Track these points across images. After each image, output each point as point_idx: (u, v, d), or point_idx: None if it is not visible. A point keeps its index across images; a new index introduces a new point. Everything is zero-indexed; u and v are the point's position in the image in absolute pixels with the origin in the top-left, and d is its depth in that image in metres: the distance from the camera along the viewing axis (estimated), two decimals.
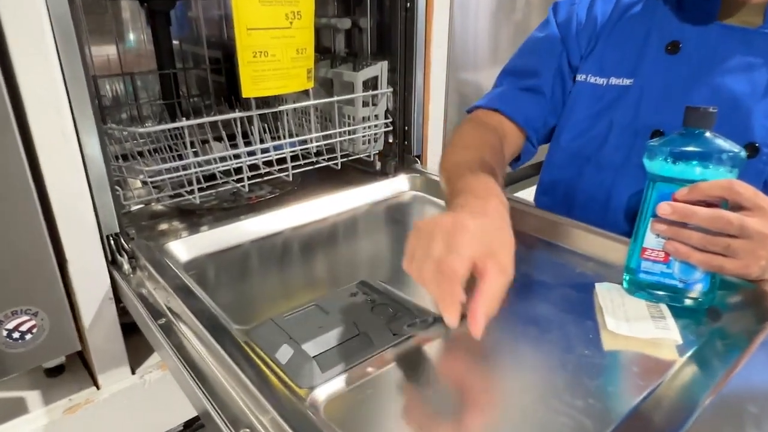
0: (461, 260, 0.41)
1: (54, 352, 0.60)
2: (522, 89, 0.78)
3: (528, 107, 0.77)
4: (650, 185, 0.53)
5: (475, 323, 0.40)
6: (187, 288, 0.55)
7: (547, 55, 0.77)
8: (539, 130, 0.78)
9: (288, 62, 0.72)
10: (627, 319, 0.53)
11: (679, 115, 0.51)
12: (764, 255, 0.49)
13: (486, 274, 0.42)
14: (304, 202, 0.83)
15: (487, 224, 0.46)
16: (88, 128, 0.58)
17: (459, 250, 0.41)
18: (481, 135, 0.74)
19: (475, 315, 0.41)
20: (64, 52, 0.55)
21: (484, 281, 0.42)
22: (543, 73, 0.77)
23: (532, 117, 0.77)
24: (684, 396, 0.42)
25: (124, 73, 1.08)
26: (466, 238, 0.42)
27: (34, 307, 0.56)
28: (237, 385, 0.43)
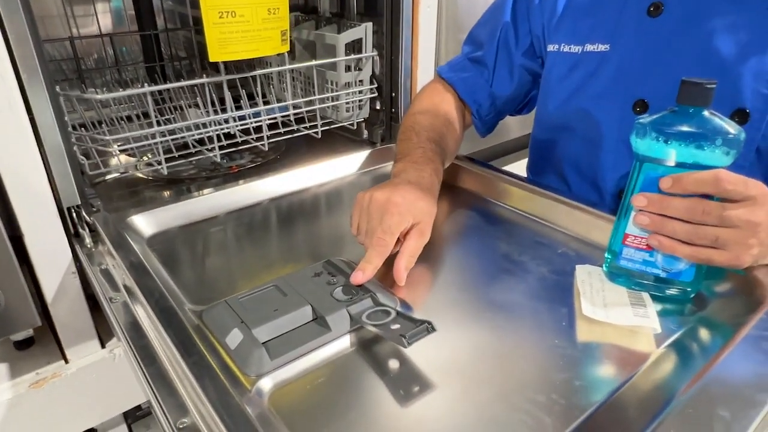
0: (390, 235, 0.53)
1: (13, 327, 0.59)
2: (471, 60, 0.79)
3: (472, 79, 0.77)
4: (637, 166, 0.49)
5: (398, 275, 0.53)
6: (141, 265, 0.53)
7: (492, 29, 0.76)
8: (483, 103, 0.77)
9: (258, 23, 0.67)
10: (605, 305, 0.49)
11: (664, 83, 0.47)
12: (755, 243, 0.45)
13: (407, 237, 0.55)
14: (286, 171, 0.80)
15: (414, 197, 0.57)
16: (38, 95, 0.55)
17: (389, 227, 0.53)
18: (436, 102, 0.76)
19: (397, 269, 0.53)
20: (6, 14, 0.51)
21: (406, 241, 0.55)
22: (487, 46, 0.76)
23: (475, 90, 0.78)
24: (656, 390, 0.39)
25: (102, 35, 1.03)
26: (395, 218, 0.54)
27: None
28: (181, 372, 0.41)
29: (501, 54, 0.76)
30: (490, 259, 0.59)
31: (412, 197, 0.57)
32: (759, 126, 0.54)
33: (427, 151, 0.67)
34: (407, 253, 0.54)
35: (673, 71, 0.57)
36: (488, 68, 0.77)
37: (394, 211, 0.54)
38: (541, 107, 0.72)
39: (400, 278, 0.53)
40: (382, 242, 0.52)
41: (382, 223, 0.53)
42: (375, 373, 0.43)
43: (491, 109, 0.79)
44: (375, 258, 0.52)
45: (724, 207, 0.44)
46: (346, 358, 0.45)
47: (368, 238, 0.55)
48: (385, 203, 0.55)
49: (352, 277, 0.50)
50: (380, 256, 0.52)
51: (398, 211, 0.54)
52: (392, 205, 0.54)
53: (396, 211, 0.54)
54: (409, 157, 0.66)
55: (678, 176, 0.46)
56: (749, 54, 0.54)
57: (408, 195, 0.57)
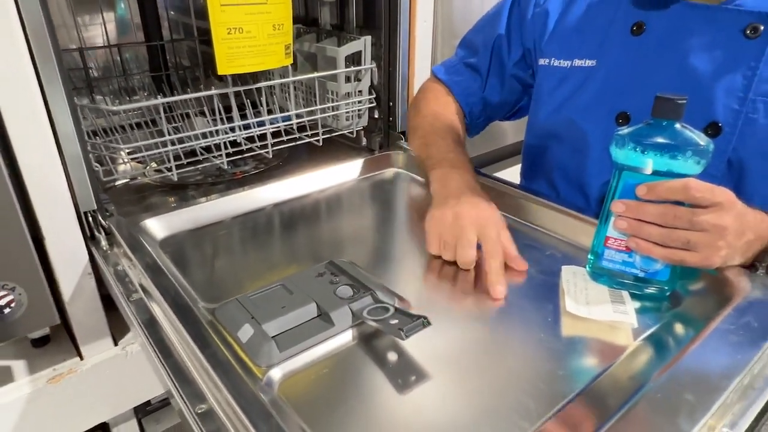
0: (499, 243, 0.59)
1: (33, 325, 0.62)
2: (465, 65, 0.83)
3: (465, 83, 0.82)
4: (616, 174, 0.53)
5: (495, 293, 0.55)
6: (156, 266, 0.57)
7: (486, 38, 0.80)
8: (475, 106, 0.82)
9: (264, 39, 0.71)
10: (587, 303, 0.54)
11: (645, 97, 0.50)
12: (724, 245, 0.49)
13: (505, 243, 0.59)
14: (288, 178, 0.84)
15: (485, 204, 0.62)
16: (59, 104, 0.59)
17: (495, 238, 0.59)
18: (442, 104, 0.82)
19: (493, 288, 0.56)
20: (31, 28, 0.54)
21: (506, 248, 0.59)
22: (481, 53, 0.81)
23: (468, 93, 0.82)
24: (631, 378, 0.43)
25: (110, 45, 1.07)
26: (492, 228, 0.59)
27: (11, 282, 0.57)
28: (197, 363, 0.45)
29: (494, 63, 0.80)
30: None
31: (484, 205, 0.62)
32: (730, 138, 0.59)
33: (459, 154, 0.72)
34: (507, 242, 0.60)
35: (653, 86, 0.62)
36: (481, 75, 0.81)
37: (488, 221, 0.59)
38: (533, 116, 0.77)
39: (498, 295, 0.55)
40: (498, 250, 0.57)
41: (485, 235, 0.58)
42: (375, 365, 0.47)
43: (482, 113, 0.83)
44: (500, 267, 0.57)
45: (694, 212, 0.49)
46: (349, 350, 0.49)
47: (463, 250, 0.58)
48: (476, 217, 0.60)
49: (496, 292, 0.55)
50: (502, 263, 0.57)
51: (491, 221, 0.60)
52: (483, 217, 0.60)
53: (490, 221, 0.59)
54: (447, 162, 0.70)
55: (652, 184, 0.50)
56: (722, 72, 0.58)
57: (482, 204, 0.62)
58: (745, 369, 0.42)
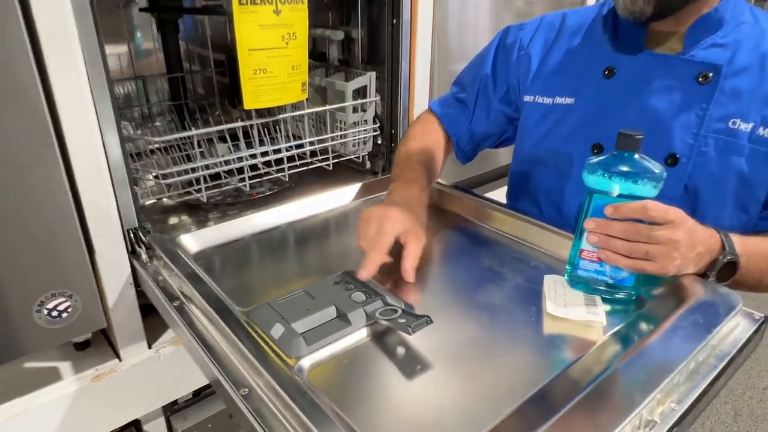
0: (387, 237, 0.67)
1: (85, 329, 0.71)
2: (456, 99, 0.93)
3: (455, 115, 0.92)
4: (588, 197, 0.63)
5: (407, 274, 0.66)
6: (196, 275, 0.66)
7: (474, 76, 0.90)
8: (462, 137, 0.92)
9: (284, 77, 0.81)
10: (565, 305, 0.63)
11: (616, 130, 0.60)
12: (677, 256, 0.59)
13: (407, 243, 0.68)
14: (300, 199, 0.93)
15: (404, 209, 0.71)
16: (111, 134, 0.68)
17: (386, 232, 0.67)
18: (426, 130, 0.93)
19: (405, 269, 0.67)
20: (89, 61, 0.63)
21: (407, 247, 0.68)
22: (469, 90, 0.91)
23: (456, 125, 0.92)
24: (598, 364, 0.53)
25: (136, 77, 1.17)
26: (389, 223, 0.68)
27: (69, 290, 0.66)
28: (238, 355, 0.54)
29: (480, 98, 0.89)
30: (476, 270, 0.73)
31: (402, 209, 0.70)
32: (686, 167, 0.69)
33: (416, 172, 0.82)
34: (410, 255, 0.67)
35: (622, 122, 0.72)
36: (469, 108, 0.91)
37: (388, 219, 0.68)
38: (518, 146, 0.87)
39: (409, 276, 0.66)
40: (378, 242, 0.66)
41: (380, 229, 0.67)
42: (386, 356, 0.56)
43: (469, 142, 0.93)
44: (373, 256, 0.64)
45: (652, 229, 0.58)
46: (364, 345, 0.58)
47: (368, 243, 0.67)
48: (382, 215, 0.69)
49: (359, 273, 0.64)
50: (378, 254, 0.65)
51: (392, 220, 0.68)
52: (386, 217, 0.68)
53: (391, 220, 0.68)
54: (401, 178, 0.81)
55: (617, 205, 0.60)
56: (679, 112, 0.69)
57: (399, 208, 0.70)
58: (689, 356, 0.51)
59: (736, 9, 0.69)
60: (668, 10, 0.67)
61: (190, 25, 1.31)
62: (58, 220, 0.63)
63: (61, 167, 0.62)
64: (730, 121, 0.67)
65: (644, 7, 0.66)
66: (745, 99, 0.66)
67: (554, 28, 0.82)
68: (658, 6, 0.66)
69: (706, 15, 0.68)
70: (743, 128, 0.66)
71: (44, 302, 0.65)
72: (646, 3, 0.65)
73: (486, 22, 1.22)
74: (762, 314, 0.62)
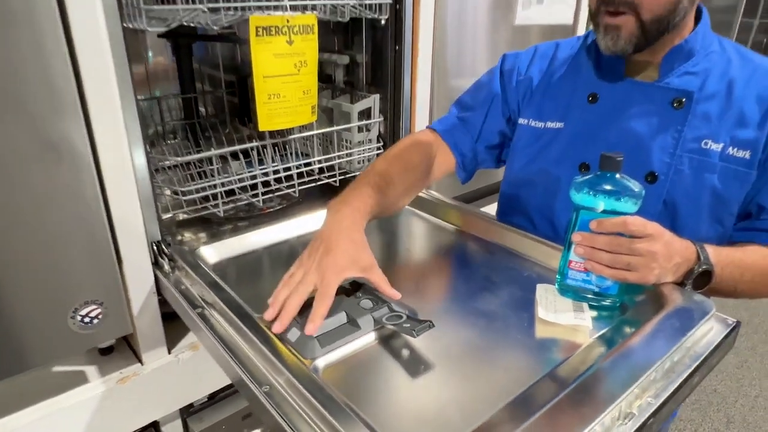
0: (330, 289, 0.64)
1: (112, 334, 0.77)
2: (460, 118, 0.96)
3: (459, 134, 0.95)
4: (575, 212, 0.69)
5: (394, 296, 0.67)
6: (217, 284, 0.72)
7: (483, 97, 0.94)
8: (466, 155, 0.95)
9: (296, 101, 0.88)
10: (555, 311, 0.69)
11: (600, 151, 0.66)
12: (656, 266, 0.65)
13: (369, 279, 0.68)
14: (308, 214, 0.99)
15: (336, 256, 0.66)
16: (138, 151, 0.74)
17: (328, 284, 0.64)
18: (404, 151, 0.90)
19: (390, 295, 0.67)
20: (121, 85, 0.70)
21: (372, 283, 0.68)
22: (477, 110, 0.94)
23: (461, 143, 0.94)
24: (583, 363, 0.58)
25: (152, 98, 1.24)
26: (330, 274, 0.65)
27: (100, 298, 0.72)
28: (259, 356, 0.60)
29: (489, 118, 0.93)
30: (474, 279, 0.79)
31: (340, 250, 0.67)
32: (664, 184, 0.75)
33: (363, 192, 0.77)
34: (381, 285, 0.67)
35: (606, 143, 0.79)
36: (476, 128, 0.94)
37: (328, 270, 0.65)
38: (509, 167, 0.93)
39: (396, 296, 0.66)
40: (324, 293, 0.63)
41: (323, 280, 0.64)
42: (392, 357, 0.62)
43: (473, 161, 0.98)
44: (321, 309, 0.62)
45: (632, 241, 0.65)
46: (372, 347, 0.64)
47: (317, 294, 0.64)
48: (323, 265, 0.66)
49: (306, 328, 0.61)
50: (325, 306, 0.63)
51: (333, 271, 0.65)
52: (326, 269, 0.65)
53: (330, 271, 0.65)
54: (340, 203, 0.75)
55: (601, 221, 0.66)
56: (657, 134, 0.76)
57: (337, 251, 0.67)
58: (665, 356, 0.57)
59: (705, 40, 0.76)
60: (645, 46, 0.74)
61: (201, 47, 1.38)
62: (94, 235, 0.69)
63: (97, 187, 0.68)
64: (702, 141, 0.73)
65: (625, 47, 0.73)
66: (715, 122, 0.73)
67: (547, 57, 0.89)
68: (639, 45, 0.73)
69: (678, 46, 0.75)
70: (714, 148, 0.73)
71: (78, 309, 0.70)
72: (626, 43, 0.72)
73: (483, 39, 1.28)
74: (735, 320, 0.67)
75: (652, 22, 0.71)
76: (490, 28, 1.27)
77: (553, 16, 1.33)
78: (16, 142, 0.61)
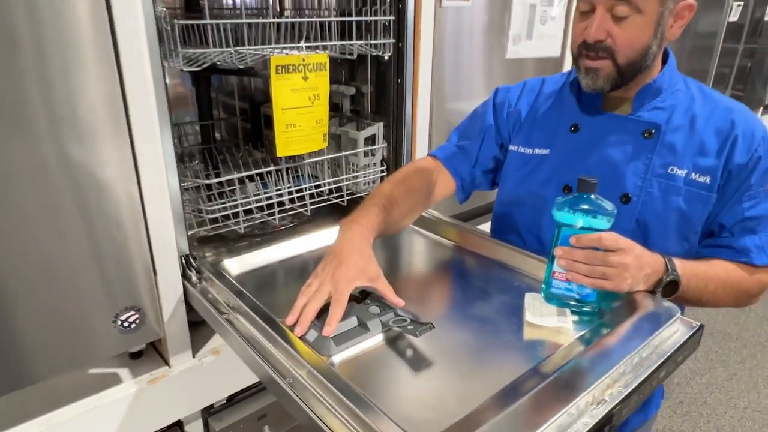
0: (344, 297, 0.73)
1: (146, 338, 0.85)
2: (459, 146, 1.06)
3: (458, 160, 1.05)
4: (557, 229, 0.79)
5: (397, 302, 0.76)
6: (242, 292, 0.81)
7: (479, 128, 1.04)
8: (465, 179, 1.05)
9: (309, 130, 0.98)
10: (541, 316, 0.78)
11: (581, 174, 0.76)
12: (628, 276, 0.75)
13: (375, 288, 0.77)
14: (318, 231, 1.09)
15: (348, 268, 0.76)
16: (172, 172, 0.84)
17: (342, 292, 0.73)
18: (408, 176, 1.00)
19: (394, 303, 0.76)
20: (160, 112, 0.79)
21: (378, 291, 0.77)
22: (473, 139, 1.04)
23: (460, 168, 1.04)
24: (563, 359, 0.67)
25: (175, 124, 1.34)
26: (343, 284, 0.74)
27: (138, 305, 0.81)
28: (283, 353, 0.69)
29: (484, 146, 1.03)
30: (470, 288, 0.89)
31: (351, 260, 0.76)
32: (637, 205, 0.85)
33: (370, 212, 0.86)
34: (387, 293, 0.76)
35: (586, 168, 0.89)
36: (472, 154, 1.04)
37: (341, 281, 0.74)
38: (501, 189, 1.03)
39: (400, 303, 0.76)
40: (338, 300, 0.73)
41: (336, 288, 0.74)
42: (398, 355, 0.71)
43: (471, 184, 1.08)
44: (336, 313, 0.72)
45: (606, 254, 0.74)
46: (380, 347, 0.73)
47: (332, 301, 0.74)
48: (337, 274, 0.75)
49: (325, 330, 0.70)
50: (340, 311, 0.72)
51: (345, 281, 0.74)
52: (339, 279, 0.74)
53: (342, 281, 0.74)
54: (351, 221, 0.84)
55: (579, 236, 0.76)
56: (630, 160, 0.86)
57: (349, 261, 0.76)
58: (633, 351, 0.66)
59: (672, 79, 0.86)
60: (621, 84, 0.84)
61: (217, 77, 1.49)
62: (136, 249, 0.79)
63: (140, 205, 0.78)
64: (669, 168, 0.84)
65: (603, 85, 0.84)
66: (679, 150, 0.83)
67: (535, 91, 1.00)
68: (615, 84, 0.83)
69: (648, 84, 0.85)
70: (679, 173, 0.83)
71: (119, 314, 0.79)
72: (604, 82, 0.83)
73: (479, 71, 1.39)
74: (698, 323, 0.77)
75: (626, 66, 0.82)
76: (485, 60, 1.39)
77: (540, 50, 1.45)
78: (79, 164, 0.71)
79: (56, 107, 0.68)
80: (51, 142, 0.68)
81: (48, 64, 0.66)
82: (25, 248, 0.70)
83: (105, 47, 0.70)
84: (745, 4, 2.77)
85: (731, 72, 3.03)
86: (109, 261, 0.77)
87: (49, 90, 0.67)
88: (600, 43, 0.80)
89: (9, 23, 0.62)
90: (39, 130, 0.67)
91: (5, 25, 0.62)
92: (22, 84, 0.65)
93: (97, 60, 0.70)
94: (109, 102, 0.72)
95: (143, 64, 0.75)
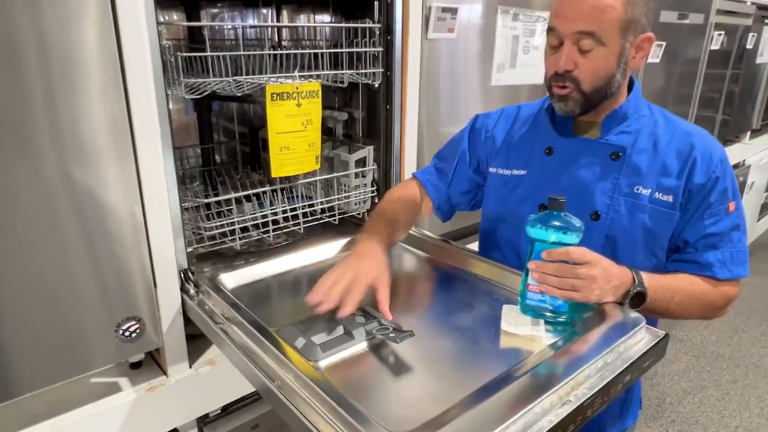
0: (359, 288, 0.81)
1: (145, 347, 0.90)
2: (437, 168, 1.15)
3: (436, 182, 1.14)
4: (531, 244, 0.85)
5: (386, 314, 0.82)
6: (237, 304, 0.86)
7: (454, 151, 1.13)
8: (441, 198, 1.14)
9: (302, 153, 1.05)
10: (516, 325, 0.84)
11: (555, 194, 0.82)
12: (596, 288, 0.80)
13: (377, 289, 0.84)
14: (311, 248, 1.15)
15: (371, 260, 0.87)
16: (173, 191, 0.90)
17: (358, 284, 0.82)
18: (401, 194, 1.11)
19: (384, 311, 0.82)
20: (163, 136, 0.86)
21: (377, 294, 0.83)
22: (448, 161, 1.13)
23: (437, 188, 1.13)
24: (534, 363, 0.73)
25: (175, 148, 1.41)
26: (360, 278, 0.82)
27: (139, 315, 0.86)
28: (274, 359, 0.74)
29: (458, 168, 1.11)
30: (452, 300, 0.94)
31: (367, 260, 0.86)
32: (606, 221, 0.91)
33: (380, 226, 0.98)
34: (382, 300, 0.83)
35: (559, 188, 0.95)
36: (448, 177, 1.12)
37: (358, 275, 0.83)
38: (485, 207, 1.09)
39: (389, 315, 0.82)
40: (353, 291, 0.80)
41: (353, 281, 0.81)
42: (380, 361, 0.76)
43: (447, 203, 1.14)
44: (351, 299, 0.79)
45: (575, 267, 0.80)
46: (364, 353, 0.78)
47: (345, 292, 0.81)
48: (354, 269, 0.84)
49: (341, 311, 0.78)
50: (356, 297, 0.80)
51: (361, 274, 0.83)
52: (357, 272, 0.83)
53: (360, 275, 0.82)
54: (368, 231, 0.96)
55: (550, 251, 0.81)
56: (599, 180, 0.92)
57: (365, 260, 0.86)
58: (598, 356, 0.72)
59: (637, 105, 0.94)
60: (590, 109, 0.91)
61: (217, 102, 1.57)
62: (138, 263, 0.85)
63: (143, 221, 0.84)
64: (634, 187, 0.90)
65: (573, 109, 0.91)
66: (644, 171, 0.90)
67: (511, 117, 1.07)
68: (584, 108, 0.91)
69: (615, 110, 0.93)
70: (644, 192, 0.89)
71: (121, 324, 0.85)
72: (574, 106, 0.90)
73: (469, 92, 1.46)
74: (664, 332, 0.82)
75: (592, 92, 0.89)
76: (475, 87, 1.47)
77: (524, 78, 1.53)
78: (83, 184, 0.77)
79: (62, 129, 0.74)
80: (56, 162, 0.74)
81: (54, 87, 0.72)
82: (31, 264, 0.75)
83: (113, 74, 0.77)
84: (732, 32, 2.88)
85: (720, 97, 3.13)
86: (112, 274, 0.83)
87: (55, 112, 0.73)
88: (568, 73, 0.87)
89: (16, 44, 0.68)
90: (44, 151, 0.73)
91: (12, 47, 0.68)
92: (27, 105, 0.70)
93: (102, 85, 0.76)
94: (114, 126, 0.79)
95: (149, 91, 0.82)
